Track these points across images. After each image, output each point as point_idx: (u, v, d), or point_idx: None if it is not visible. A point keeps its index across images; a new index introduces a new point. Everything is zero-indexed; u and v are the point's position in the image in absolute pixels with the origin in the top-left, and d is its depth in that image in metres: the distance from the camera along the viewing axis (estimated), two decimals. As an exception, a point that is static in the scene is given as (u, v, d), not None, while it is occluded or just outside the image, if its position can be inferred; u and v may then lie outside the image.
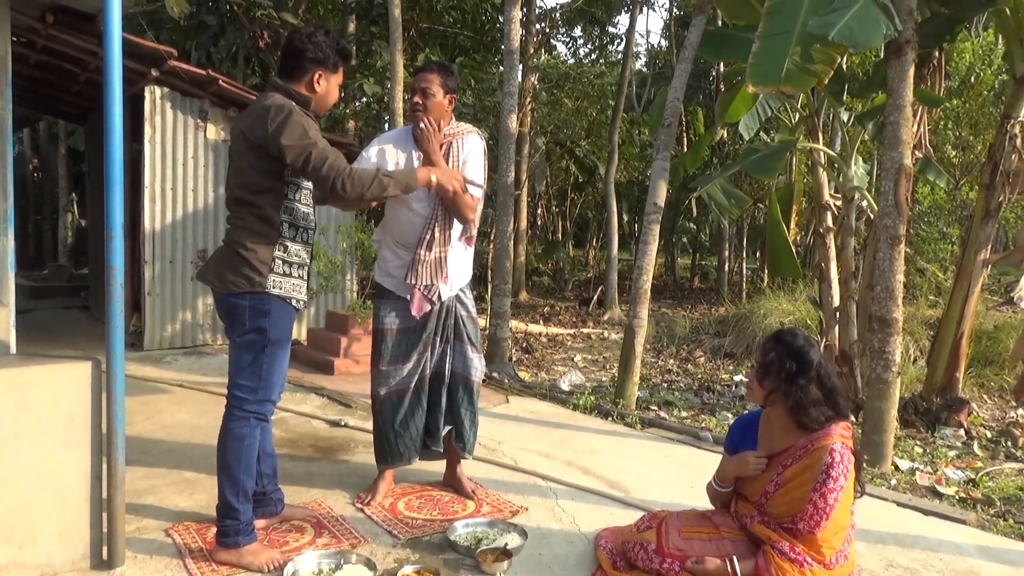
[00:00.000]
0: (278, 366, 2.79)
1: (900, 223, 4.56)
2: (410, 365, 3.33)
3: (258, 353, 2.73)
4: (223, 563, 2.74)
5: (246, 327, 2.72)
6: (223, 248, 2.81)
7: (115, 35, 2.57)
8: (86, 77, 7.28)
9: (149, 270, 7.03)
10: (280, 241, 2.75)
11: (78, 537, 2.66)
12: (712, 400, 6.60)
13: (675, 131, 6.16)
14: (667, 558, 2.58)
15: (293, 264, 2.80)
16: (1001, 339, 7.50)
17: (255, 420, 2.77)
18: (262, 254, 2.71)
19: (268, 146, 2.64)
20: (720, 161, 13.88)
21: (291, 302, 2.79)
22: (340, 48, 2.81)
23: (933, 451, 4.99)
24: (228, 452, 2.75)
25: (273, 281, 2.72)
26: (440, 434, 3.41)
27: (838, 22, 4.37)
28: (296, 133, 2.60)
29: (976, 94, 10.50)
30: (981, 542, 3.27)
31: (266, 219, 2.72)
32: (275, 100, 2.68)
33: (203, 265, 2.92)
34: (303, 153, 2.61)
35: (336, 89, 2.87)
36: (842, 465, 2.45)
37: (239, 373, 2.76)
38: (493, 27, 12.64)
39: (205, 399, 5.26)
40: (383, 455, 3.43)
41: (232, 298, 2.73)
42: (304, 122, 2.64)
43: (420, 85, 3.27)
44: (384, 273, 3.41)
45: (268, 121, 2.62)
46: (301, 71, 2.77)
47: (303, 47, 2.75)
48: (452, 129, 3.33)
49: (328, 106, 2.90)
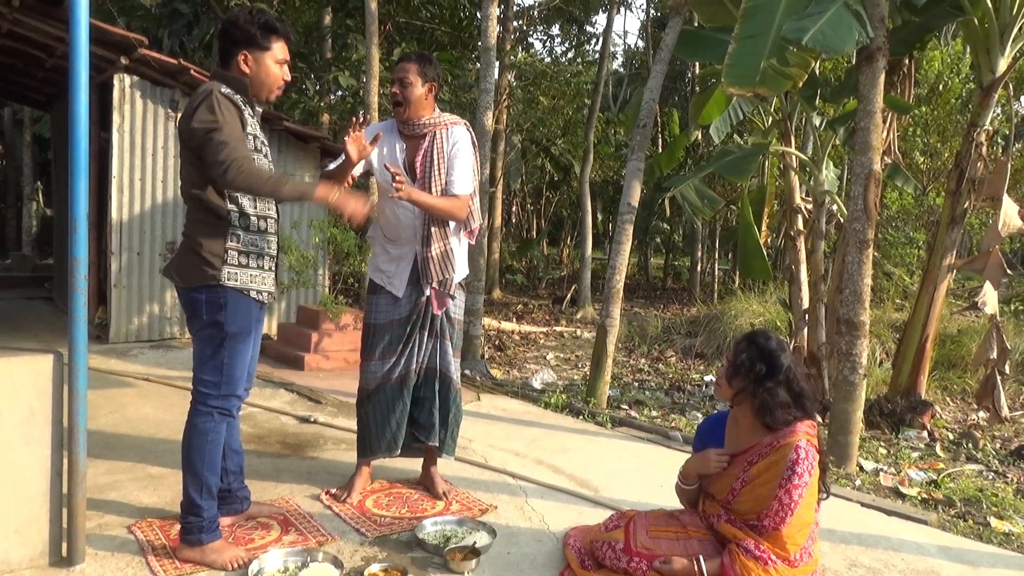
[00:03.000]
0: (239, 360, 2.73)
1: (869, 227, 4.63)
2: (394, 358, 3.33)
3: (217, 347, 2.69)
4: (186, 561, 2.70)
5: (203, 321, 2.69)
6: (182, 243, 2.78)
7: (82, 20, 2.51)
8: (53, 63, 7.14)
9: (116, 261, 6.91)
10: (231, 232, 2.68)
11: (37, 533, 2.60)
12: (682, 400, 6.66)
13: (650, 132, 6.19)
14: (635, 557, 2.59)
15: (250, 255, 2.73)
16: (964, 343, 7.66)
17: (219, 415, 2.73)
18: (214, 246, 2.65)
19: (187, 129, 2.59)
20: (694, 162, 14.00)
21: (249, 294, 2.72)
22: (264, 23, 2.71)
23: (897, 452, 5.08)
24: (192, 448, 2.71)
25: (228, 273, 2.66)
26: (435, 429, 3.40)
27: (812, 27, 4.43)
28: (204, 116, 2.54)
29: (944, 102, 10.71)
30: (942, 542, 3.33)
31: (213, 211, 2.66)
32: (204, 87, 2.64)
33: (168, 261, 2.88)
34: (205, 133, 2.53)
35: (276, 66, 2.75)
36: (807, 462, 2.48)
37: (201, 368, 2.72)
38: (471, 23, 12.60)
39: (171, 393, 5.18)
40: (364, 447, 3.42)
41: (191, 292, 2.69)
42: (220, 105, 2.56)
43: (398, 75, 3.24)
44: (374, 268, 3.40)
45: (188, 108, 2.61)
46: (229, 55, 2.72)
47: (226, 30, 2.72)
48: (434, 119, 3.29)
49: (272, 85, 2.77)
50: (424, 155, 3.26)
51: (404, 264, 3.31)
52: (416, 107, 3.24)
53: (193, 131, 2.56)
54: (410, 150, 3.29)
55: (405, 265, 3.31)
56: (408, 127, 3.28)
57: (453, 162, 3.26)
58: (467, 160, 3.30)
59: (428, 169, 3.24)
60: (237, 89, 2.69)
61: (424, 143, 3.27)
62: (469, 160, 3.31)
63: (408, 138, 3.31)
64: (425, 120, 3.26)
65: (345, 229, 7.18)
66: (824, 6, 4.53)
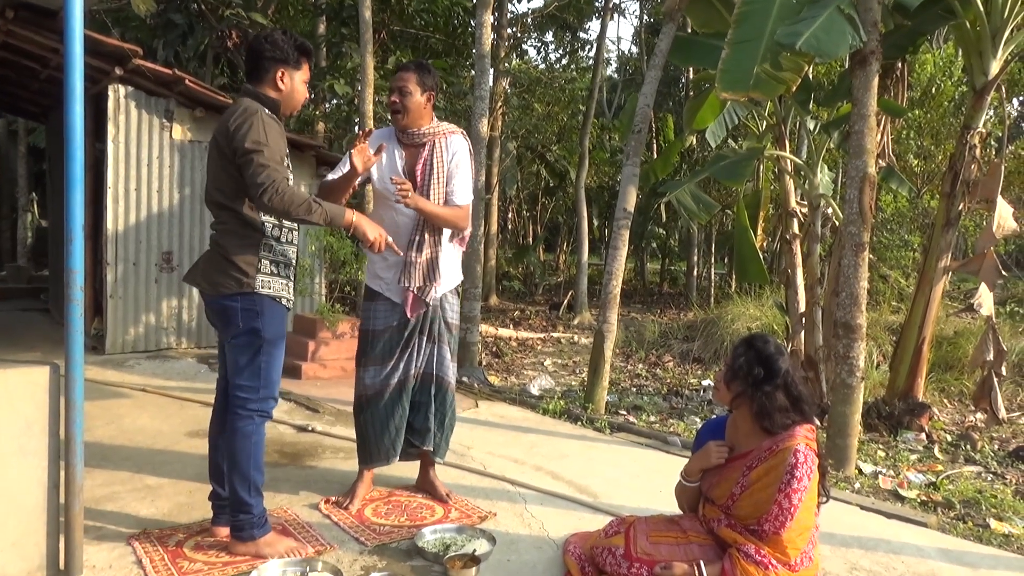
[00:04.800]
0: (276, 364, 2.85)
1: (864, 230, 4.64)
2: (391, 363, 3.34)
3: (255, 353, 2.78)
4: (241, 555, 2.79)
5: (240, 328, 2.76)
6: (210, 251, 2.85)
7: (76, 31, 2.51)
8: (47, 74, 7.14)
9: (112, 272, 6.89)
10: (265, 242, 2.80)
11: (34, 547, 2.58)
12: (681, 404, 6.65)
13: (645, 137, 6.21)
14: (635, 563, 2.58)
15: (280, 263, 2.85)
16: (961, 345, 7.67)
17: (259, 418, 2.83)
18: (248, 256, 2.76)
19: (229, 146, 2.68)
20: (689, 167, 14.03)
21: (281, 301, 2.84)
22: (299, 44, 2.85)
23: (895, 455, 5.08)
24: (237, 450, 2.79)
25: (262, 281, 2.77)
26: (430, 433, 3.42)
27: (805, 31, 4.44)
28: (251, 136, 2.64)
29: (937, 105, 10.75)
30: (942, 544, 3.33)
31: (249, 222, 2.77)
32: (242, 104, 2.75)
33: (191, 268, 2.95)
34: (248, 155, 2.63)
35: (302, 86, 2.90)
36: (806, 466, 2.48)
37: (238, 374, 2.79)
38: (465, 31, 12.64)
39: (168, 404, 5.16)
40: (365, 455, 3.41)
41: (223, 300, 2.76)
42: (264, 127, 2.68)
43: (397, 84, 3.28)
44: (372, 275, 3.40)
45: (230, 123, 2.68)
46: (264, 72, 2.81)
47: (262, 48, 2.80)
48: (433, 128, 3.33)
49: (297, 104, 2.92)
50: (424, 164, 3.29)
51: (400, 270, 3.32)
52: (415, 116, 3.28)
53: (237, 149, 2.64)
54: (409, 158, 3.32)
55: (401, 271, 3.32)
56: (407, 136, 3.32)
57: (453, 173, 3.31)
58: (467, 170, 3.36)
59: (428, 178, 3.28)
60: (270, 107, 2.79)
61: (424, 152, 3.30)
62: (468, 170, 3.37)
63: (407, 146, 3.34)
64: (425, 129, 3.30)
65: (342, 237, 7.18)
66: (817, 10, 4.56)
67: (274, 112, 2.81)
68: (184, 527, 3.09)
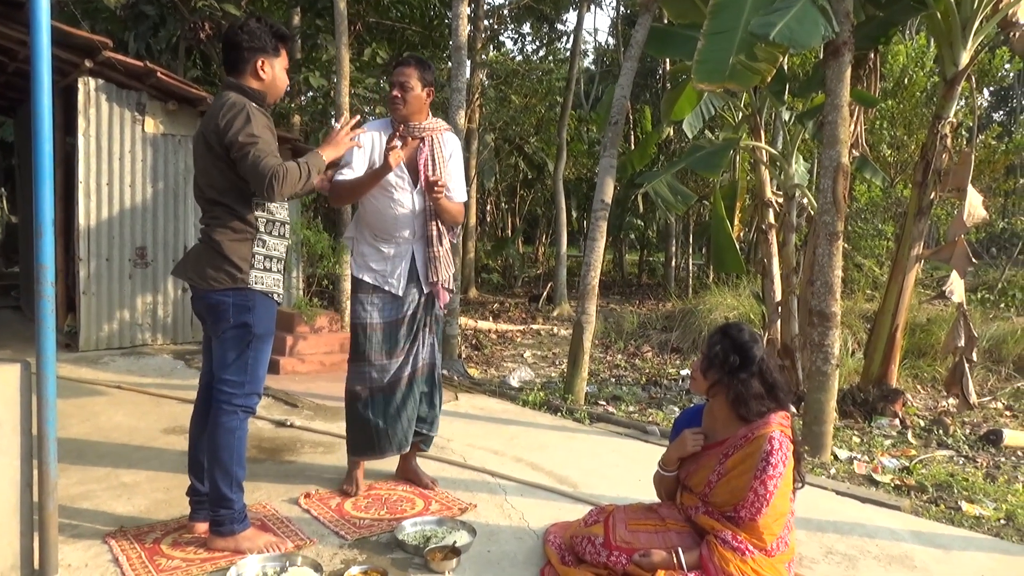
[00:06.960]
0: (263, 359, 2.84)
1: (838, 220, 4.69)
2: (402, 357, 3.37)
3: (243, 348, 2.76)
4: (220, 550, 2.77)
5: (230, 323, 2.74)
6: (201, 245, 2.82)
7: (43, 23, 2.46)
8: (15, 67, 7.00)
9: (84, 268, 6.79)
10: (258, 237, 2.79)
11: (7, 546, 2.54)
12: (659, 394, 6.70)
13: (622, 129, 6.22)
14: (614, 551, 2.60)
15: (272, 259, 2.85)
16: (933, 331, 7.79)
17: (243, 413, 2.81)
18: (242, 251, 2.74)
19: (220, 143, 2.66)
20: (667, 158, 14.09)
21: (273, 296, 2.84)
22: (275, 31, 2.82)
23: (870, 440, 5.16)
24: (219, 445, 2.76)
25: (255, 277, 2.77)
26: (437, 420, 3.55)
27: (779, 22, 4.47)
28: (245, 130, 2.62)
29: (909, 95, 10.88)
30: (915, 527, 3.39)
31: (242, 217, 2.75)
32: (229, 98, 2.72)
33: (179, 262, 2.93)
34: (243, 149, 2.62)
35: (283, 73, 2.88)
36: (781, 452, 2.51)
37: (225, 369, 2.77)
38: (441, 23, 12.56)
39: (144, 401, 5.11)
40: (369, 446, 3.39)
41: (214, 295, 2.74)
42: (254, 119, 2.66)
43: (398, 79, 3.29)
44: (363, 268, 3.38)
45: (220, 118, 2.66)
46: (243, 63, 2.78)
47: (238, 39, 2.77)
48: (430, 124, 3.39)
49: (280, 92, 2.91)
50: (426, 159, 3.34)
51: (400, 262, 3.36)
52: (414, 110, 3.32)
53: (231, 144, 2.62)
54: (407, 151, 3.34)
55: (402, 263, 3.35)
56: (406, 130, 3.34)
57: (452, 170, 3.39)
58: (462, 167, 3.46)
59: (433, 173, 3.32)
60: (256, 100, 2.77)
61: (424, 147, 3.35)
62: (462, 167, 3.47)
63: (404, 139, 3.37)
64: (424, 124, 3.36)
65: (318, 231, 7.13)
66: (790, 1, 4.58)
67: (260, 104, 2.78)
68: (161, 524, 3.07)
